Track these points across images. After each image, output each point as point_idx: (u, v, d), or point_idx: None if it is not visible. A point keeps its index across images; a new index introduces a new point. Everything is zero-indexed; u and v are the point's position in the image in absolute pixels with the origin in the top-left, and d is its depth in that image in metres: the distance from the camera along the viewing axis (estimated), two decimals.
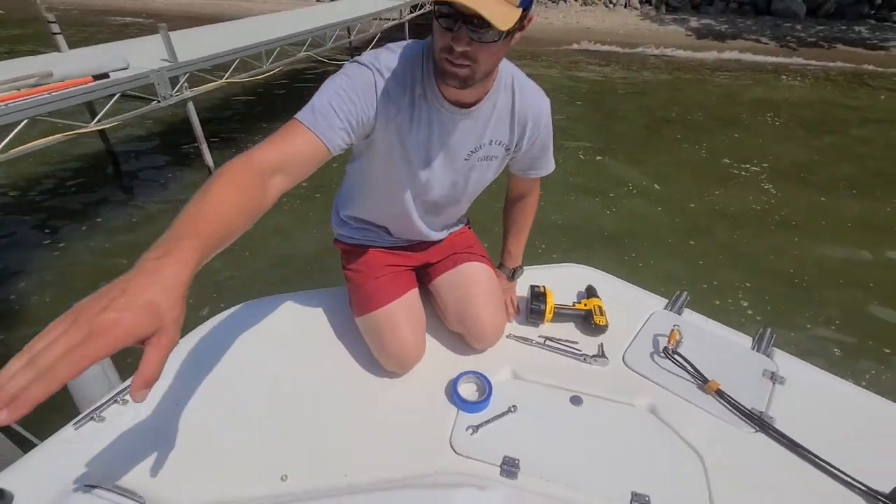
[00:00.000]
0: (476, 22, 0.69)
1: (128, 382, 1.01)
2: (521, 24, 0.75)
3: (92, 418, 0.92)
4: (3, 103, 2.68)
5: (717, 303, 2.88)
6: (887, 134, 5.66)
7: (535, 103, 0.97)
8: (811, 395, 1.03)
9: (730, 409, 0.99)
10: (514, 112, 0.95)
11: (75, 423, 0.91)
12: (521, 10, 0.71)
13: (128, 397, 0.97)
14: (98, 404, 0.95)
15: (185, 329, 1.17)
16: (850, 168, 4.70)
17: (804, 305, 2.89)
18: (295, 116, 0.79)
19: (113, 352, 0.44)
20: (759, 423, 0.96)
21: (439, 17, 0.73)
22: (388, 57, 0.85)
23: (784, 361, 1.12)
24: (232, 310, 1.22)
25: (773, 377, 1.06)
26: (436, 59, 0.80)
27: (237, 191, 0.63)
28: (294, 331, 1.18)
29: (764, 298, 2.93)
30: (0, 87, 2.81)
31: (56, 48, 3.91)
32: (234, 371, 1.07)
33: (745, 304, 2.89)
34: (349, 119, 0.80)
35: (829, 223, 3.78)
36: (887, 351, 2.59)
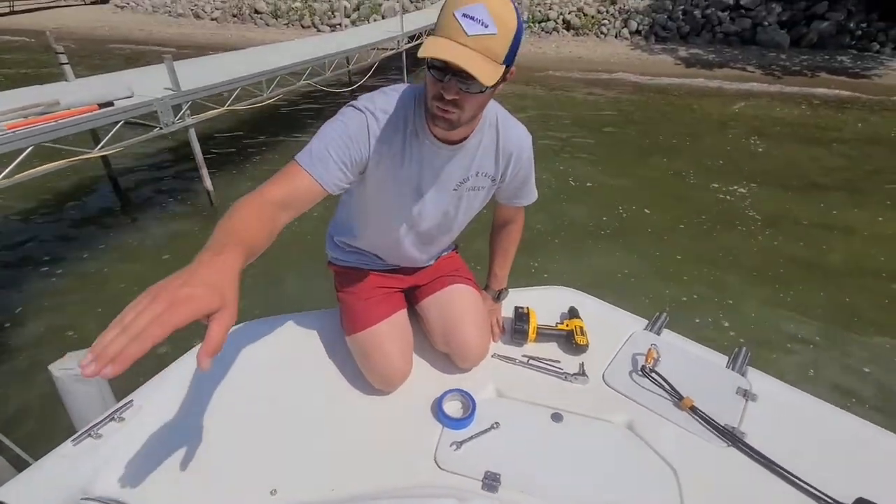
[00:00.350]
0: (464, 75, 0.78)
1: (125, 401, 1.04)
2: (503, 78, 0.83)
3: (90, 435, 0.95)
4: (10, 131, 2.78)
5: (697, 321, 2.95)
6: (869, 154, 5.83)
7: (518, 139, 1.05)
8: (782, 412, 1.08)
9: (703, 425, 1.03)
10: (499, 147, 1.03)
11: (73, 440, 0.95)
12: (504, 66, 0.81)
13: (125, 415, 1.01)
14: (96, 421, 0.99)
15: (180, 350, 1.22)
16: (836, 191, 4.83)
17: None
18: (295, 158, 0.88)
19: (189, 321, 0.53)
20: (732, 438, 1.00)
21: (431, 69, 0.81)
22: (383, 99, 0.94)
23: (757, 379, 1.16)
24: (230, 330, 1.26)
25: (746, 394, 1.11)
26: (427, 103, 0.88)
27: (256, 218, 0.75)
28: (286, 351, 1.22)
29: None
30: (8, 116, 2.91)
31: (64, 77, 4.04)
32: (228, 390, 1.11)
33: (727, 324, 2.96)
34: (344, 161, 0.89)
35: (813, 246, 3.87)
36: (867, 369, 2.64)
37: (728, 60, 10.28)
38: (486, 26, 0.75)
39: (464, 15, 0.75)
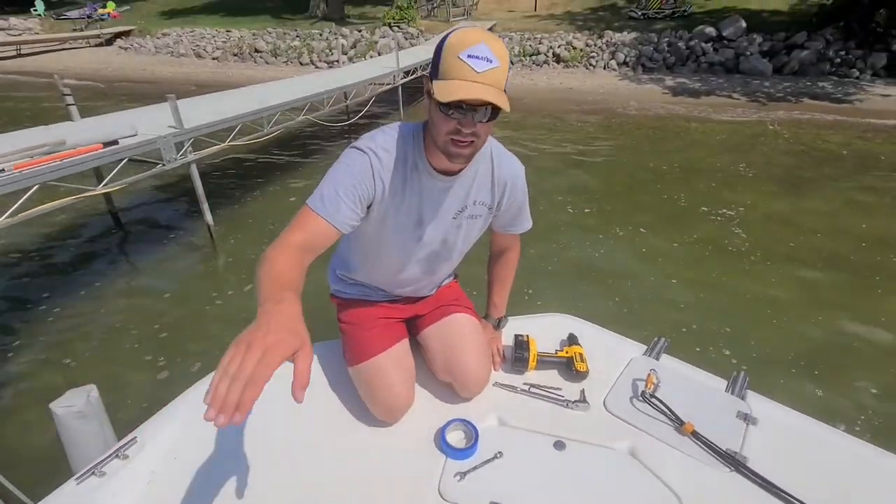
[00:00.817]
0: (480, 109, 0.86)
1: (128, 438, 1.04)
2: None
3: (93, 473, 0.95)
4: (17, 171, 2.84)
5: (698, 349, 2.95)
6: (858, 178, 5.97)
7: (512, 168, 1.11)
8: (783, 435, 1.09)
9: (705, 450, 1.04)
10: (494, 176, 1.09)
11: (77, 479, 0.95)
12: (504, 94, 0.89)
13: (128, 452, 1.01)
14: (99, 459, 0.99)
15: (184, 384, 1.23)
16: (829, 213, 4.91)
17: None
18: (307, 203, 0.95)
19: (282, 362, 0.62)
20: (734, 462, 1.00)
21: (450, 110, 0.87)
22: (382, 138, 1.00)
23: (757, 403, 1.17)
24: None
25: (747, 418, 1.12)
26: (439, 142, 0.93)
27: (290, 265, 0.83)
28: (289, 383, 1.23)
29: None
30: (15, 156, 2.98)
31: (70, 118, 4.15)
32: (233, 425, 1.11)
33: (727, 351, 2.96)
34: (353, 201, 0.95)
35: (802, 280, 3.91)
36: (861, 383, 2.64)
37: (714, 88, 10.60)
38: (492, 62, 0.84)
39: (469, 56, 0.83)
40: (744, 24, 11.94)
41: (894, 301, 3.40)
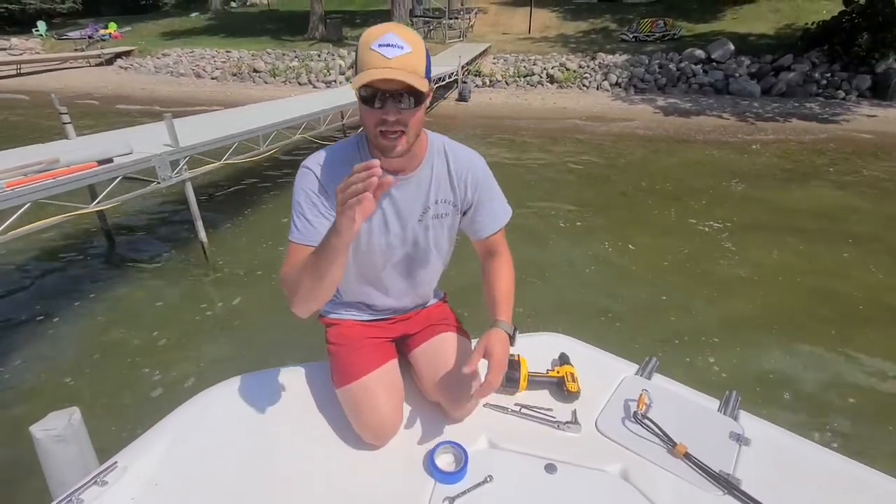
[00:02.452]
0: (398, 96, 0.89)
1: (108, 463, 1.01)
2: (429, 92, 0.95)
3: (70, 501, 0.92)
4: (9, 189, 2.83)
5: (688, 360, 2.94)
6: (846, 194, 6.06)
7: (468, 161, 1.13)
8: (776, 456, 1.07)
9: (698, 472, 1.02)
10: (451, 172, 1.11)
11: None
12: (427, 81, 0.93)
13: (107, 478, 0.98)
14: (77, 486, 0.96)
15: (171, 406, 1.21)
16: (817, 230, 4.97)
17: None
18: (289, 238, 1.03)
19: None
20: (727, 485, 0.98)
21: (366, 101, 0.91)
22: (326, 152, 1.07)
23: (749, 423, 1.16)
24: (215, 387, 1.25)
25: (739, 439, 1.10)
26: (371, 138, 0.97)
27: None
28: (275, 405, 1.21)
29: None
30: (8, 174, 2.97)
31: (65, 136, 4.16)
32: (214, 447, 1.09)
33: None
34: (320, 219, 1.00)
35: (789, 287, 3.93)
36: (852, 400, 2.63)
37: (704, 108, 10.81)
38: (402, 48, 0.87)
39: (380, 45, 0.87)
40: (732, 47, 12.25)
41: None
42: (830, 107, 10.54)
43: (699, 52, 12.35)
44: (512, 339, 1.09)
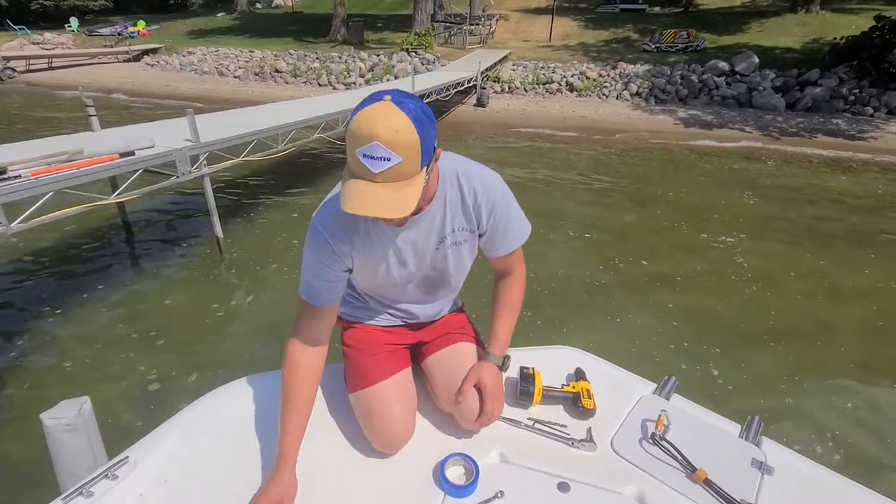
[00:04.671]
0: None
1: (119, 458, 1.01)
2: (431, 166, 0.86)
3: (81, 493, 0.92)
4: (33, 177, 2.89)
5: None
6: (867, 215, 5.89)
7: (483, 185, 1.03)
8: (801, 488, 1.02)
9: (718, 500, 0.97)
10: (465, 200, 1.03)
11: (64, 498, 0.91)
12: (423, 169, 0.83)
13: (118, 472, 0.97)
14: (88, 479, 0.95)
15: (183, 401, 1.20)
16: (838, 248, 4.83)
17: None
18: (301, 297, 1.03)
19: None
20: None
21: None
22: (332, 206, 0.97)
23: (773, 450, 1.11)
24: (226, 386, 1.24)
25: (762, 467, 1.05)
26: None
27: (308, 381, 1.05)
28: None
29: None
30: (33, 163, 3.04)
31: (90, 128, 4.25)
32: (226, 446, 1.08)
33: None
34: (333, 279, 1.02)
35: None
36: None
37: (726, 121, 10.65)
38: (389, 160, 0.78)
39: (364, 156, 0.78)
40: (756, 60, 12.07)
41: None
42: (858, 123, 10.30)
43: (723, 64, 12.20)
44: (502, 368, 1.16)
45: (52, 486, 1.31)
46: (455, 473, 1.03)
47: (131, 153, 3.52)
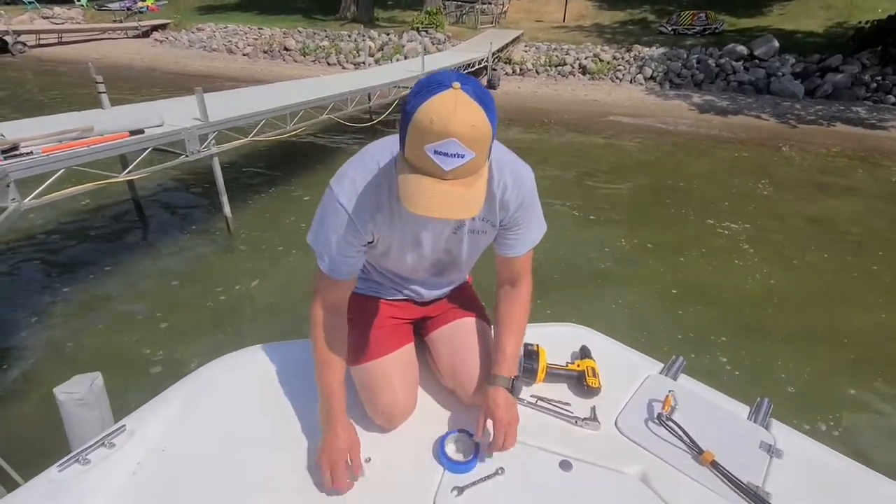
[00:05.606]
0: None
1: (116, 426, 1.01)
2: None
3: (77, 461, 0.92)
4: (44, 154, 2.89)
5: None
6: (884, 207, 5.75)
7: (515, 178, 0.97)
8: (809, 470, 1.01)
9: (725, 483, 0.96)
10: (494, 189, 0.97)
11: (59, 465, 0.92)
12: (488, 160, 0.79)
13: (115, 441, 0.98)
14: (84, 447, 0.96)
15: (183, 371, 1.20)
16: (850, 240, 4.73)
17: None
18: (319, 268, 1.00)
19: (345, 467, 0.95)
20: (756, 498, 0.93)
21: None
22: (360, 177, 0.93)
23: (782, 433, 1.09)
24: (223, 357, 1.25)
25: (770, 450, 1.04)
26: None
27: (337, 345, 1.02)
28: (288, 378, 1.19)
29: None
30: (43, 140, 3.04)
31: (100, 105, 4.24)
32: (223, 417, 1.08)
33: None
34: (352, 253, 0.98)
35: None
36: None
37: (742, 108, 10.38)
38: (463, 157, 0.72)
39: (436, 152, 0.72)
40: (777, 45, 11.70)
41: None
42: (879, 112, 9.99)
43: (741, 48, 11.83)
44: (513, 391, 1.03)
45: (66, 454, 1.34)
46: (455, 449, 1.03)
47: (141, 131, 3.51)
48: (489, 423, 1.00)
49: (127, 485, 0.90)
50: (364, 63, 10.84)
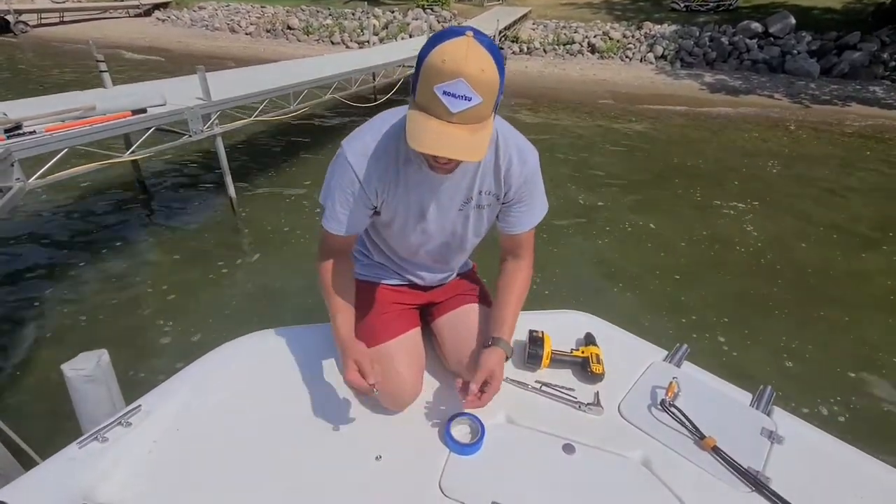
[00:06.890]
0: None
1: (133, 405, 1.04)
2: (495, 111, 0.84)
3: (96, 438, 0.95)
4: (48, 133, 2.89)
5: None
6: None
7: (520, 155, 1.00)
8: (809, 457, 1.01)
9: (726, 467, 0.97)
10: (499, 164, 1.00)
11: (79, 442, 0.94)
12: (494, 113, 0.82)
13: (132, 420, 1.00)
14: (103, 425, 0.99)
15: (195, 354, 1.22)
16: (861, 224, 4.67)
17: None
18: (322, 225, 1.02)
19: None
20: (755, 482, 0.94)
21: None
22: (369, 137, 0.96)
23: (783, 420, 1.10)
24: (236, 340, 1.26)
25: (772, 436, 1.05)
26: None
27: (342, 284, 1.07)
28: (297, 362, 1.21)
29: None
30: (47, 119, 3.03)
31: (102, 84, 4.21)
32: (236, 399, 1.10)
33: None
34: (356, 211, 1.00)
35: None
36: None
37: (755, 87, 10.16)
38: (470, 99, 0.74)
39: (445, 92, 0.74)
40: (793, 21, 11.36)
41: None
42: None
43: (755, 25, 11.51)
44: (508, 357, 1.08)
45: (76, 432, 1.37)
46: (461, 432, 1.04)
47: (143, 110, 3.48)
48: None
49: (143, 463, 0.93)
50: (368, 42, 10.67)
